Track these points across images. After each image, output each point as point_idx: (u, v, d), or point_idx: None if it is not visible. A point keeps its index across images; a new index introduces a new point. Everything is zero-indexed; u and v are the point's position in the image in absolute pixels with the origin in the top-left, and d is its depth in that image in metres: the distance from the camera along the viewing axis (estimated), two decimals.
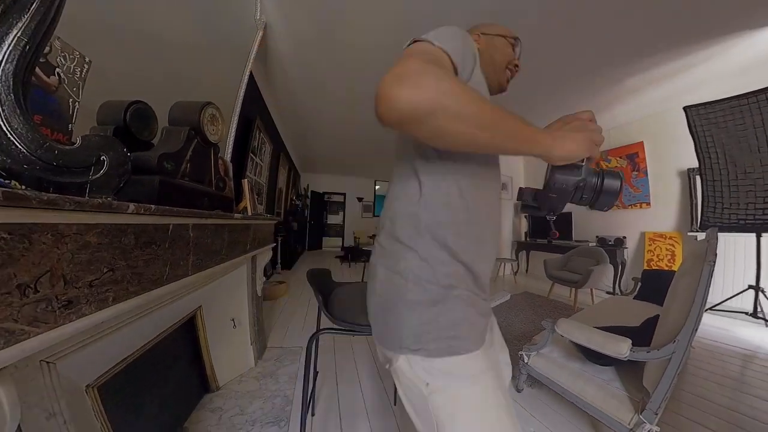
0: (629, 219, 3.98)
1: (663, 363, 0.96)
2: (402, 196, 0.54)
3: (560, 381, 1.24)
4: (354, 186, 9.00)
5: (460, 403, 0.47)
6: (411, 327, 0.49)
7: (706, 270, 0.92)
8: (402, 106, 0.33)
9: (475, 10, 1.99)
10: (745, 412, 1.39)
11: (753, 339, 2.26)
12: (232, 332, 1.55)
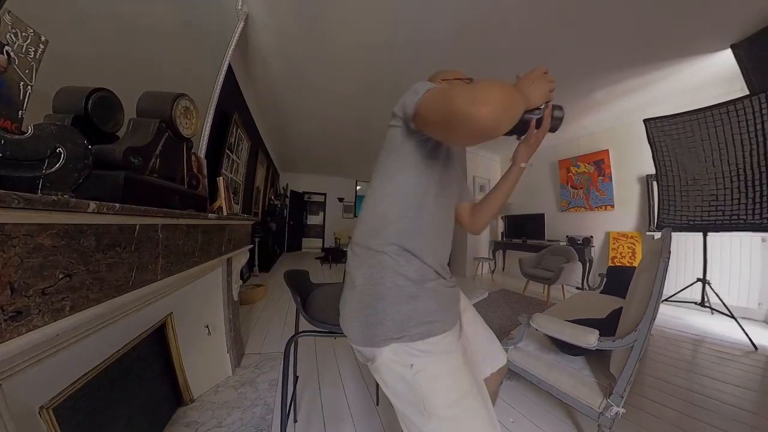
0: (596, 220, 4.30)
1: (626, 350, 1.04)
2: (378, 204, 0.64)
3: (536, 372, 1.29)
4: (334, 186, 8.86)
5: (439, 375, 0.55)
6: (394, 320, 0.56)
7: (662, 266, 1.01)
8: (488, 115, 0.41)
9: (457, 10, 2.04)
10: (697, 390, 1.58)
11: (701, 325, 2.57)
12: (206, 340, 1.46)
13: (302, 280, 1.07)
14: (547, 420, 1.30)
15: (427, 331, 0.56)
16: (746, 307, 2.78)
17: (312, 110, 3.92)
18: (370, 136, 4.87)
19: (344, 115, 4.07)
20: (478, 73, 2.52)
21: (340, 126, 4.50)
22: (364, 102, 3.61)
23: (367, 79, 3.05)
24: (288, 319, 2.53)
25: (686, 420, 1.32)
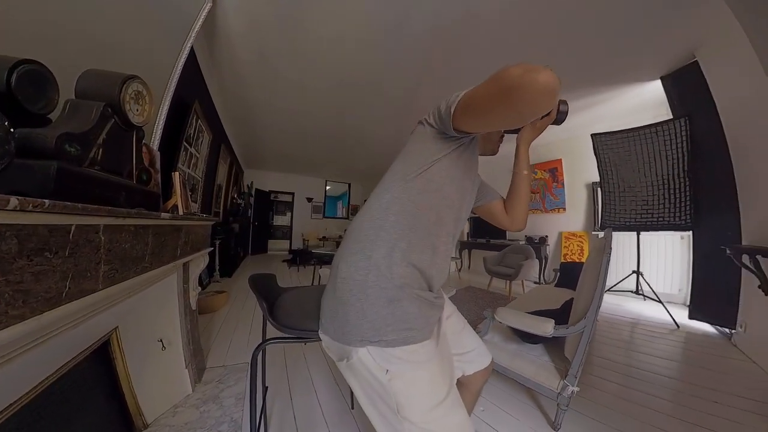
0: (550, 221, 4.74)
1: (578, 336, 1.15)
2: (373, 207, 0.64)
3: (501, 362, 1.37)
4: (303, 185, 8.53)
5: (415, 383, 0.55)
6: (371, 321, 0.55)
7: (605, 261, 1.14)
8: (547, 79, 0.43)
9: (438, 12, 2.10)
10: (634, 365, 1.85)
11: (636, 310, 3.00)
12: (160, 355, 1.30)
13: (268, 284, 1.01)
14: (513, 405, 1.40)
15: (404, 338, 0.55)
16: (670, 293, 3.28)
17: (282, 104, 3.69)
18: (342, 134, 4.74)
19: (316, 112, 3.90)
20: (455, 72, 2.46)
21: (311, 123, 4.30)
22: (338, 99, 3.49)
23: (343, 76, 2.96)
24: (254, 327, 2.38)
25: (626, 391, 1.54)
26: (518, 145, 0.78)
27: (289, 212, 8.66)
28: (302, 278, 4.63)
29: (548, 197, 4.77)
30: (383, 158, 6.09)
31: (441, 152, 0.63)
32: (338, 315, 0.58)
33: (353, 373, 0.58)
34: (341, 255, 0.63)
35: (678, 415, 1.32)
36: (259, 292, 0.86)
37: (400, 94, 3.37)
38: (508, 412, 1.34)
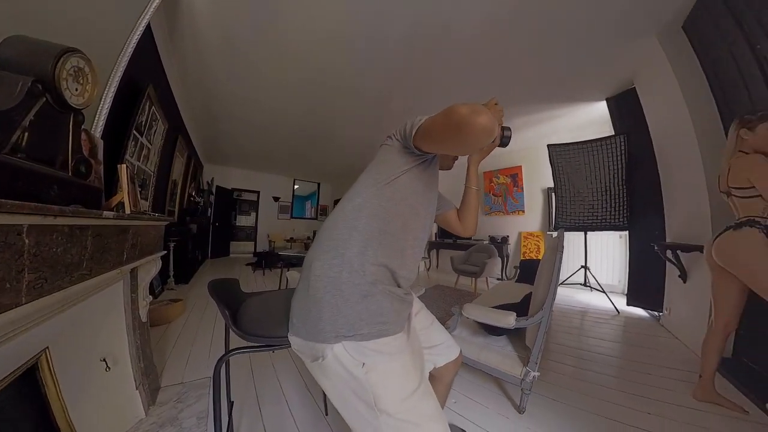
0: (510, 222, 5.13)
1: (537, 326, 1.26)
2: (346, 208, 0.67)
3: (470, 355, 1.43)
4: (270, 183, 8.03)
5: (390, 374, 0.57)
6: (346, 317, 0.57)
7: (558, 257, 1.26)
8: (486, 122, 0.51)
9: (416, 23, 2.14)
10: (584, 348, 2.09)
11: (584, 300, 3.38)
12: (104, 378, 1.12)
13: (231, 290, 0.95)
14: (482, 394, 1.47)
15: (379, 331, 0.57)
16: (611, 284, 3.72)
17: (250, 96, 3.40)
18: (313, 132, 4.56)
19: (286, 107, 3.68)
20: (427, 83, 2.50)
21: (280, 118, 4.06)
22: (310, 96, 3.34)
23: (317, 72, 2.84)
24: (215, 337, 2.17)
25: (579, 371, 1.74)
26: (469, 165, 0.89)
27: (254, 212, 8.06)
28: (268, 282, 4.34)
29: (510, 200, 5.14)
30: (355, 159, 6.01)
31: (407, 165, 0.69)
32: (311, 313, 0.59)
33: (327, 373, 0.58)
34: (314, 254, 0.64)
35: (621, 388, 1.54)
36: (220, 298, 0.79)
37: (374, 97, 3.36)
38: (478, 401, 1.41)
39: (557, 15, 2.03)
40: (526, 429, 1.21)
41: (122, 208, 1.16)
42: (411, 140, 0.66)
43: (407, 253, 0.68)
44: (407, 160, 0.69)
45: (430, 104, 3.36)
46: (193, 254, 4.62)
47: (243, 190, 7.94)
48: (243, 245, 8.19)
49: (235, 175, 7.48)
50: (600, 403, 1.39)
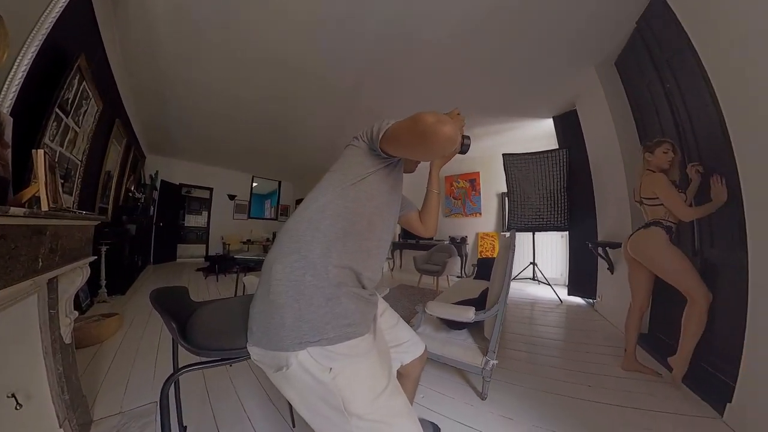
0: (469, 224, 5.49)
1: (493, 318, 1.38)
2: (310, 208, 0.65)
3: (434, 350, 1.49)
4: (225, 180, 7.33)
5: (358, 376, 0.57)
6: (311, 322, 0.55)
7: (511, 255, 1.41)
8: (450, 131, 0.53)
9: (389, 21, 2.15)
10: (534, 334, 2.35)
11: (533, 292, 3.76)
12: (14, 417, 0.84)
13: (179, 299, 0.86)
14: (448, 386, 1.53)
15: (345, 334, 0.57)
16: (555, 277, 4.18)
17: (205, 80, 3.01)
18: (276, 126, 4.28)
19: (247, 96, 3.35)
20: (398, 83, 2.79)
21: (240, 108, 3.68)
22: (274, 85, 3.10)
23: (283, 59, 2.63)
24: (161, 355, 1.88)
25: (531, 356, 1.94)
26: (431, 169, 0.93)
27: (206, 211, 7.29)
28: (222, 289, 3.91)
29: (468, 203, 5.52)
30: (319, 157, 5.82)
31: (374, 166, 0.69)
32: (273, 320, 0.56)
33: (292, 382, 0.56)
34: (275, 256, 0.62)
35: (566, 366, 1.77)
36: (165, 310, 0.71)
37: (343, 94, 3.29)
38: (444, 393, 1.47)
39: (516, 38, 2.28)
40: (489, 413, 1.31)
41: (37, 204, 0.94)
42: (378, 143, 0.66)
43: (372, 254, 0.68)
44: (374, 161, 0.70)
45: (398, 106, 3.44)
46: (132, 260, 3.99)
47: (193, 186, 7.09)
48: (193, 248, 7.31)
49: (184, 168, 6.56)
50: (550, 382, 1.56)
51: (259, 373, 1.60)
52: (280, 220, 8.54)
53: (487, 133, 4.39)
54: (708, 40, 1.38)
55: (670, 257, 1.52)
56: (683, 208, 1.48)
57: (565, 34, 2.22)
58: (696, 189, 1.58)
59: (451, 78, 2.90)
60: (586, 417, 1.27)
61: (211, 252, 6.63)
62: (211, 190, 7.19)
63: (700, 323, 1.43)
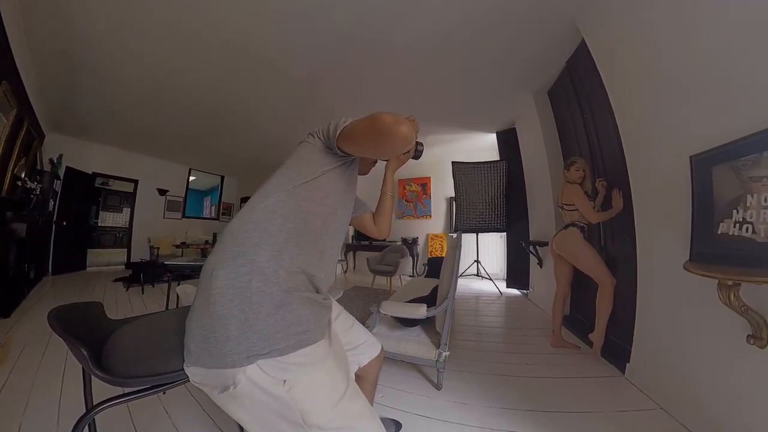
0: (420, 225, 5.83)
1: (444, 313, 1.48)
2: (257, 208, 0.61)
3: (390, 348, 1.51)
4: (154, 171, 6.07)
5: (315, 385, 0.54)
6: (259, 332, 0.51)
7: (457, 254, 1.56)
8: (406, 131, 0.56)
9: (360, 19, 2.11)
10: (480, 324, 2.61)
11: (477, 287, 4.18)
12: None
13: (91, 318, 0.72)
14: (405, 382, 1.58)
15: (298, 342, 0.53)
16: (496, 273, 4.65)
17: (139, 49, 2.46)
18: (222, 112, 3.77)
19: (190, 75, 2.85)
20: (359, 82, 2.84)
21: (180, 88, 3.11)
22: (222, 65, 2.70)
23: (236, 36, 2.30)
24: (67, 392, 1.45)
25: (478, 344, 2.15)
26: (386, 172, 0.92)
27: (128, 207, 6.07)
28: (150, 303, 3.30)
29: (419, 206, 5.86)
30: (270, 152, 5.39)
31: (329, 165, 0.68)
32: (215, 334, 0.51)
33: (242, 401, 0.51)
34: (217, 261, 0.56)
35: (509, 350, 2.02)
36: (71, 333, 0.57)
37: (302, 87, 3.13)
38: (402, 389, 1.51)
39: (473, 60, 2.55)
40: (445, 401, 1.39)
41: None
42: (334, 140, 0.65)
43: (326, 255, 0.66)
44: (329, 160, 0.69)
45: (355, 106, 3.45)
46: (20, 270, 3.03)
47: (112, 176, 5.74)
48: (109, 254, 6.13)
49: (100, 154, 5.26)
50: (496, 365, 1.76)
51: (200, 396, 1.40)
52: (222, 220, 7.65)
53: (439, 142, 4.72)
54: (613, 84, 1.74)
55: (585, 252, 1.87)
56: (593, 213, 1.84)
57: (514, 64, 2.59)
58: (602, 198, 1.98)
59: (410, 86, 3.03)
60: (527, 390, 1.48)
61: (135, 258, 5.45)
62: (135, 182, 5.92)
63: (609, 303, 1.78)
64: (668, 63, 1.31)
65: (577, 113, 2.37)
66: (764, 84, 0.92)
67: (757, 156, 0.89)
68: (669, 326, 1.35)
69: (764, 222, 0.86)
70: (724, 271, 0.92)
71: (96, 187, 5.84)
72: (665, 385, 1.34)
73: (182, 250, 5.84)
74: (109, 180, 5.98)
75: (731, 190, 0.97)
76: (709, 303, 1.03)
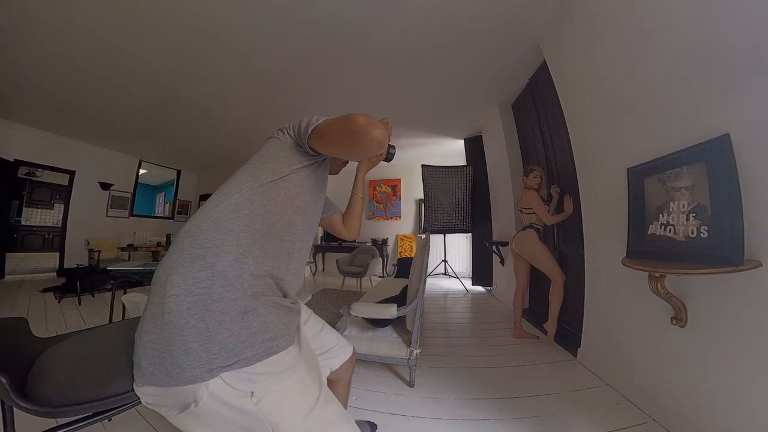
0: (389, 227, 5.92)
1: (414, 312, 1.50)
2: (219, 207, 0.58)
3: (362, 350, 1.51)
4: (96, 161, 5.19)
5: (286, 395, 0.52)
6: (222, 343, 0.47)
7: (426, 255, 1.63)
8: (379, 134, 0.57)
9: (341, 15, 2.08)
10: (448, 321, 2.76)
11: (446, 286, 4.33)
12: None
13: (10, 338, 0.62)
14: (379, 382, 1.59)
15: (265, 350, 0.50)
16: (462, 271, 4.91)
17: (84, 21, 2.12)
18: (181, 100, 3.40)
19: (151, 60, 2.58)
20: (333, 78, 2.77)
21: (136, 72, 2.76)
22: (187, 50, 2.45)
23: (204, 21, 2.12)
24: None
25: (447, 340, 2.25)
26: (357, 173, 0.92)
27: (62, 203, 5.13)
28: (89, 316, 2.82)
29: (389, 207, 5.95)
30: (233, 146, 5.04)
31: (299, 163, 0.66)
32: (171, 348, 0.46)
33: (205, 420, 0.47)
34: (172, 265, 0.51)
35: (476, 344, 2.14)
36: None
37: (271, 81, 2.97)
38: (376, 389, 1.51)
39: (446, 69, 2.68)
40: (418, 398, 1.43)
41: None
42: (306, 138, 0.64)
43: (294, 256, 0.63)
44: (299, 158, 0.67)
45: (327, 104, 3.40)
46: None
47: (41, 165, 4.77)
48: (36, 259, 5.22)
49: (25, 138, 4.39)
50: (465, 359, 1.86)
51: (155, 418, 1.24)
52: (177, 219, 6.92)
53: (411, 145, 4.87)
54: (568, 102, 1.96)
55: (540, 251, 2.07)
56: (548, 216, 2.04)
57: (483, 77, 2.79)
58: (555, 203, 2.20)
59: (385, 88, 3.07)
60: (493, 380, 1.59)
61: (70, 263, 4.63)
62: (72, 173, 5.00)
63: (560, 296, 1.99)
64: (611, 88, 1.51)
65: (537, 126, 2.62)
66: (684, 112, 1.12)
67: (678, 170, 1.07)
68: (611, 313, 1.55)
69: (682, 224, 1.03)
70: (653, 265, 1.09)
71: (19, 177, 4.95)
72: (609, 364, 1.54)
73: (129, 254, 5.20)
74: (37, 170, 5.09)
75: (658, 198, 1.15)
76: (642, 292, 1.21)
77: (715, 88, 1.00)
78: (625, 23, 1.38)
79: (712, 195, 0.95)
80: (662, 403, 1.19)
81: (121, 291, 2.45)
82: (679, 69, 1.13)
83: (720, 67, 0.98)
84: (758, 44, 0.88)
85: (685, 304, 1.09)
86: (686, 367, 1.11)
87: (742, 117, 0.92)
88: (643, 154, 1.26)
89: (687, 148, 1.05)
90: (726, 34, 0.96)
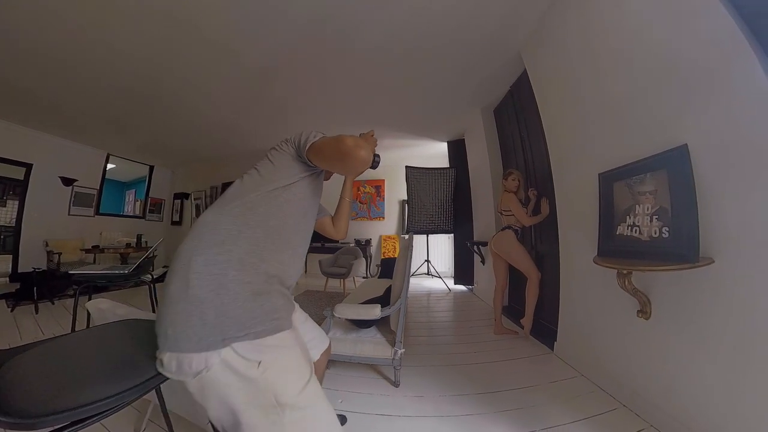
0: (373, 227, 5.92)
1: (397, 312, 1.51)
2: (235, 203, 0.67)
3: (346, 352, 1.53)
4: (56, 154, 4.67)
5: (287, 367, 0.60)
6: (234, 317, 0.55)
7: (409, 255, 1.65)
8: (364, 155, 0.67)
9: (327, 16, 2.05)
10: (431, 320, 2.81)
11: (428, 285, 4.41)
12: None
13: None
14: (365, 383, 1.58)
15: (274, 327, 0.59)
16: (445, 271, 5.00)
17: (51, 3, 1.92)
18: (159, 93, 3.18)
19: (127, 49, 2.40)
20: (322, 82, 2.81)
21: (109, 60, 2.56)
22: (173, 48, 2.39)
23: (196, 23, 2.09)
24: None
25: (432, 338, 2.29)
26: (345, 180, 1.05)
27: (16, 200, 4.57)
28: (48, 324, 2.61)
29: (373, 208, 5.95)
30: (212, 142, 4.82)
31: (303, 173, 0.77)
32: (193, 317, 0.53)
33: (213, 387, 0.54)
34: (196, 249, 0.60)
35: (459, 341, 2.19)
36: None
37: (254, 77, 2.87)
38: (361, 391, 1.50)
39: (432, 74, 2.74)
40: (403, 397, 1.44)
41: None
42: (304, 152, 0.73)
43: (297, 253, 0.74)
44: (302, 168, 0.77)
45: (312, 104, 3.37)
46: None
47: None
48: None
49: None
50: (449, 356, 1.90)
51: None
52: (149, 218, 6.38)
53: (396, 146, 4.92)
54: (545, 110, 2.06)
55: (517, 250, 2.16)
56: (526, 218, 2.14)
57: (468, 82, 2.87)
58: (533, 205, 2.30)
59: (371, 89, 3.07)
60: (475, 376, 1.63)
61: (25, 267, 4.05)
62: (28, 167, 4.48)
63: (536, 293, 2.09)
64: (585, 99, 1.62)
65: (517, 131, 2.74)
66: (649, 123, 1.22)
67: (643, 176, 1.17)
68: (583, 308, 1.66)
69: (646, 226, 1.12)
70: (621, 263, 1.18)
71: None
72: (582, 356, 1.64)
73: (95, 256, 4.74)
74: None
75: (626, 201, 1.25)
76: (611, 287, 1.30)
77: (676, 103, 1.10)
78: (597, 41, 1.49)
79: (673, 199, 1.04)
80: (631, 390, 1.29)
81: (85, 297, 2.22)
82: (644, 84, 1.23)
83: (680, 83, 1.08)
84: (712, 67, 0.98)
85: (649, 299, 1.18)
86: (651, 356, 1.21)
87: (699, 129, 1.02)
88: (613, 160, 1.36)
89: (651, 156, 1.14)
90: (687, 57, 1.06)
